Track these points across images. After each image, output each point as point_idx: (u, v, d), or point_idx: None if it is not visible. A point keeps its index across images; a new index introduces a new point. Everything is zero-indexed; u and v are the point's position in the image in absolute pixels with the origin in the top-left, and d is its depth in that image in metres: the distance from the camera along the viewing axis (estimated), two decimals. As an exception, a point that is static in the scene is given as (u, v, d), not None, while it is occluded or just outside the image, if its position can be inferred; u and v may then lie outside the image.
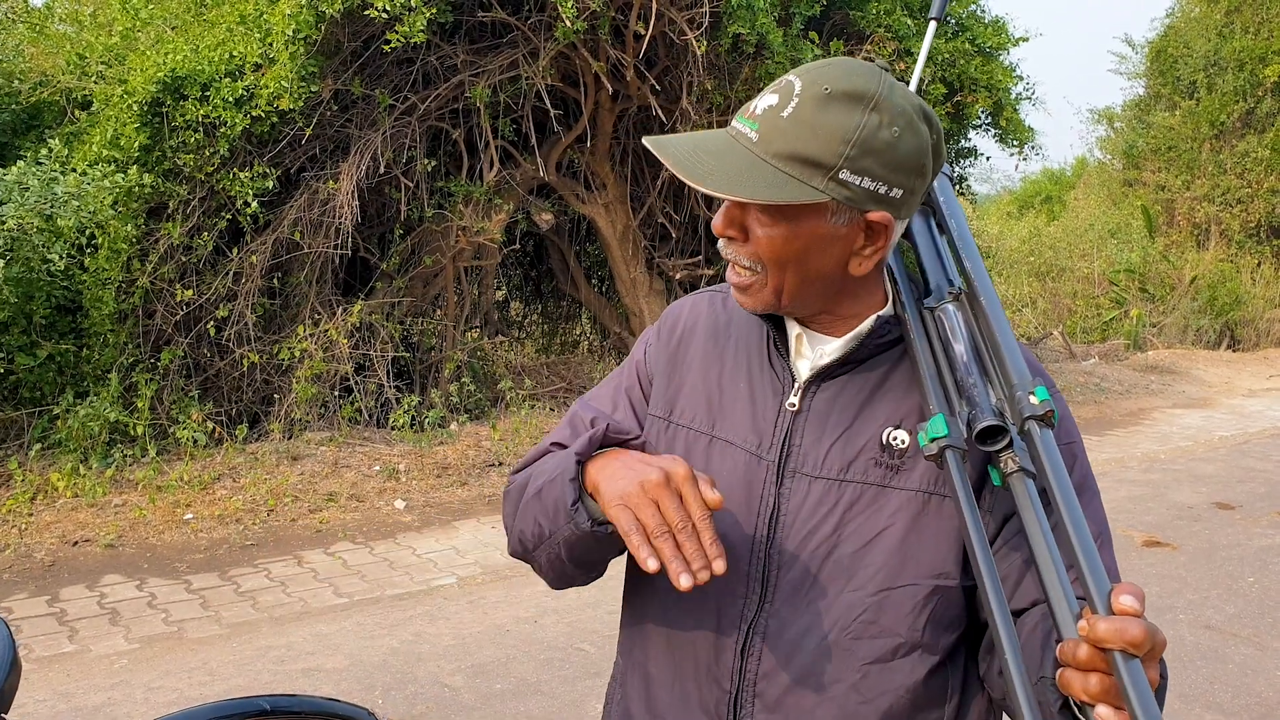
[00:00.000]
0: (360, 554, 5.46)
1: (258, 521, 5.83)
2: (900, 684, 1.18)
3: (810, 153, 1.09)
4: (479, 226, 7.43)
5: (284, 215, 7.00)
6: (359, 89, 6.87)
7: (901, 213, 1.16)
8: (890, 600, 1.17)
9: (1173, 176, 18.16)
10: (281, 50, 6.36)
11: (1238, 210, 17.38)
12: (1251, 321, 15.25)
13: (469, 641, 4.40)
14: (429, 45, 6.99)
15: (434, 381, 7.94)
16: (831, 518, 1.19)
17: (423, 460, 6.71)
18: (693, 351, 1.35)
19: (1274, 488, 7.25)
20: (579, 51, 7.20)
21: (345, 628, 4.53)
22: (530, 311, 10.95)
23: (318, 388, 7.05)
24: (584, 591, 4.98)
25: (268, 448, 6.68)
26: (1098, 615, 0.91)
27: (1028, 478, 1.03)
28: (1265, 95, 17.30)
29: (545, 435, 1.44)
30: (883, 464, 1.19)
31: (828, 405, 1.23)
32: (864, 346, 1.22)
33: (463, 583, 5.09)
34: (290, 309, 7.39)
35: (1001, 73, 8.40)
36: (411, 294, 7.78)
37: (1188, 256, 16.43)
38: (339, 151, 7.18)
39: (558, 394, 8.74)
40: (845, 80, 1.11)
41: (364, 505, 6.15)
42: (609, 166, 8.45)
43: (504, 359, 9.10)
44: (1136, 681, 0.87)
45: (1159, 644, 0.91)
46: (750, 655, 1.22)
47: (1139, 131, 19.28)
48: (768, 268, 1.17)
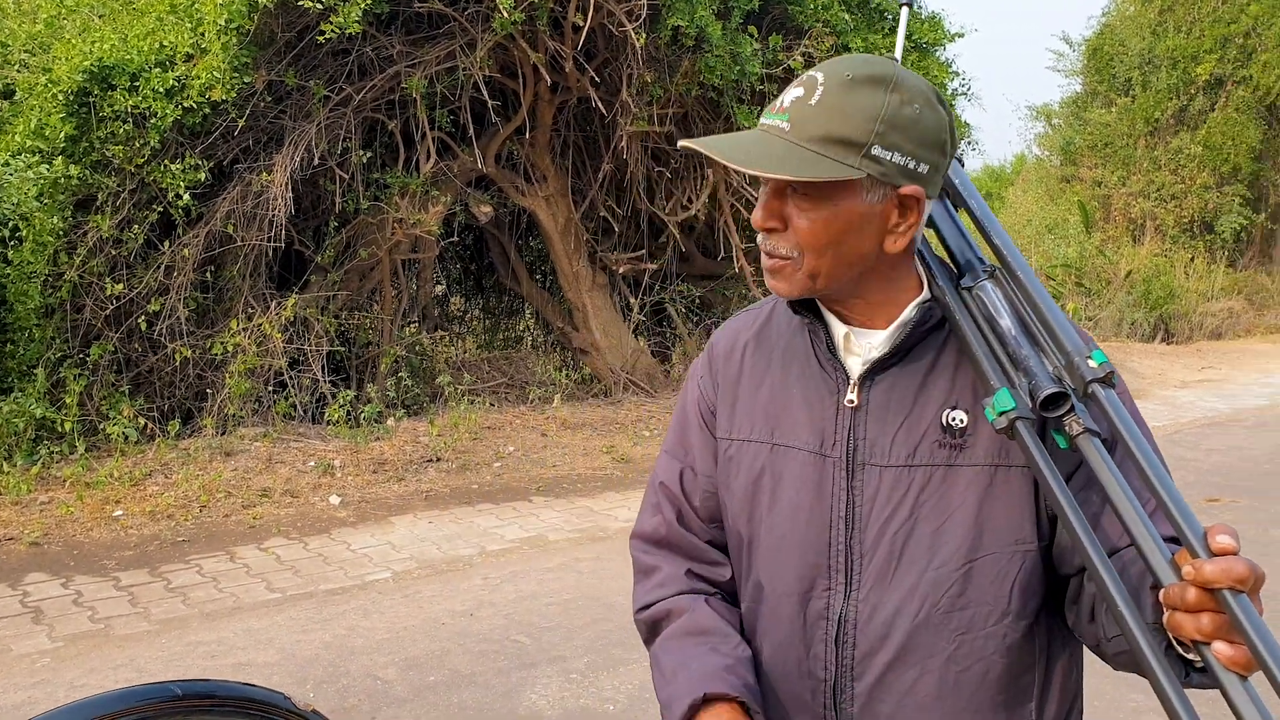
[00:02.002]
0: (294, 549, 5.39)
1: (190, 518, 5.73)
2: (994, 650, 1.23)
3: (843, 133, 1.15)
4: (415, 219, 7.37)
5: (217, 208, 6.89)
6: (293, 80, 6.78)
7: (930, 188, 1.21)
8: (975, 571, 1.22)
9: (1109, 173, 18.49)
10: (214, 40, 6.25)
11: (1172, 206, 17.73)
12: (1185, 315, 15.56)
13: (403, 635, 4.36)
14: (365, 36, 6.91)
15: (371, 376, 7.86)
16: (906, 502, 1.24)
17: (358, 456, 6.64)
18: (743, 369, 1.40)
19: (1203, 476, 7.40)
20: (517, 43, 7.17)
21: (278, 622, 4.47)
22: (471, 306, 10.88)
23: (251, 383, 6.95)
24: (520, 584, 4.97)
25: (201, 443, 6.58)
26: (1200, 559, 0.94)
27: (1094, 437, 1.08)
28: (1197, 93, 17.67)
29: (652, 480, 1.52)
30: (946, 444, 1.24)
31: (885, 396, 1.27)
32: (911, 335, 1.26)
33: (398, 577, 5.04)
34: (223, 303, 7.28)
35: (938, 68, 8.48)
36: (347, 287, 7.69)
37: (1123, 251, 16.73)
38: (273, 143, 7.08)
39: (499, 389, 8.70)
40: (864, 67, 1.18)
41: (298, 501, 6.08)
42: (549, 159, 8.42)
43: (444, 354, 9.03)
44: (1249, 614, 0.91)
45: (1260, 578, 0.95)
46: (844, 644, 1.26)
47: (1076, 128, 19.59)
48: (807, 253, 1.21)
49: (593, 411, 8.33)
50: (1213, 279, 16.55)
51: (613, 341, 9.02)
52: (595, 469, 7.03)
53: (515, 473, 6.84)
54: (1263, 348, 14.78)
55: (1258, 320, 16.46)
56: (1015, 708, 1.25)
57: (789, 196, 1.21)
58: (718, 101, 8.00)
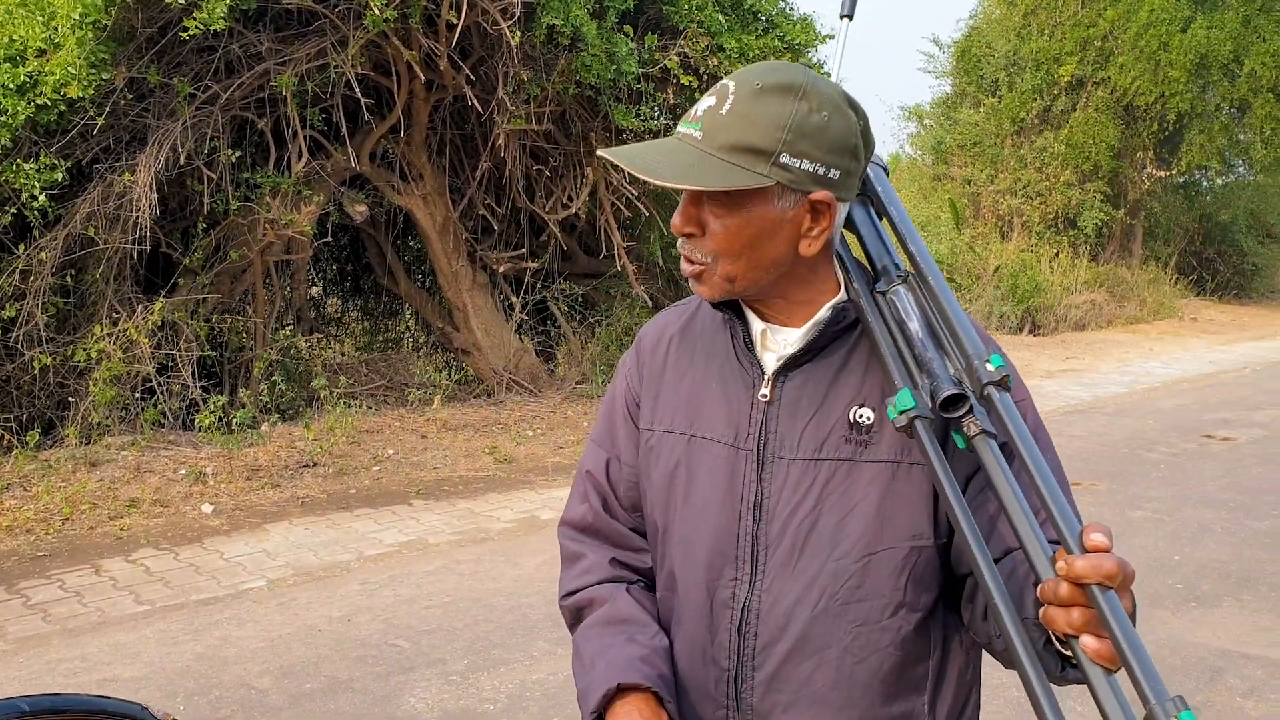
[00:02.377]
0: (164, 560, 5.24)
1: (51, 531, 5.52)
2: (889, 642, 1.27)
3: (751, 141, 1.19)
4: (287, 219, 7.20)
5: (76, 209, 6.63)
6: (155, 77, 6.56)
7: (841, 193, 1.25)
8: (873, 564, 1.26)
9: (978, 171, 19.09)
10: (68, 35, 6.02)
11: (1037, 202, 18.39)
12: (1050, 307, 16.16)
13: (278, 643, 4.28)
14: (232, 32, 6.73)
15: (244, 381, 7.66)
16: (811, 495, 1.28)
17: (232, 463, 6.48)
18: (667, 362, 1.44)
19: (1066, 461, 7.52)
20: (390, 40, 7.07)
21: (146, 635, 4.34)
22: (349, 308, 10.69)
23: (117, 390, 6.70)
24: (400, 588, 4.91)
25: (63, 454, 6.33)
26: (1074, 555, 0.98)
27: (990, 439, 1.12)
28: (1060, 93, 18.37)
29: (576, 469, 1.58)
30: (852, 440, 1.28)
31: (797, 392, 1.31)
32: (824, 334, 1.30)
33: (273, 585, 4.94)
34: (86, 308, 7.01)
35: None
36: (218, 290, 7.48)
37: (992, 247, 17.29)
38: (136, 142, 6.84)
39: (377, 392, 8.58)
40: (773, 75, 1.22)
41: (169, 510, 5.90)
42: (426, 157, 8.33)
43: (321, 357, 8.86)
44: (1115, 610, 0.95)
45: (1129, 575, 0.99)
46: (746, 633, 1.30)
47: (946, 128, 20.18)
48: (722, 258, 1.25)
49: (474, 412, 8.28)
50: (1076, 273, 17.24)
51: (494, 341, 8.97)
52: (477, 470, 6.99)
53: (394, 476, 6.75)
54: (1123, 338, 15.47)
55: (1118, 312, 17.20)
56: (908, 699, 1.29)
57: (705, 203, 1.25)
58: (595, 100, 8.02)
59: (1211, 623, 4.65)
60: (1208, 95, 17.56)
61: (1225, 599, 4.95)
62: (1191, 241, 21.23)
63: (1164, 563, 5.45)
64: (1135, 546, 5.71)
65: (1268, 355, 14.10)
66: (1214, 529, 6.03)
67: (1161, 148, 19.06)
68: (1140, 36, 16.99)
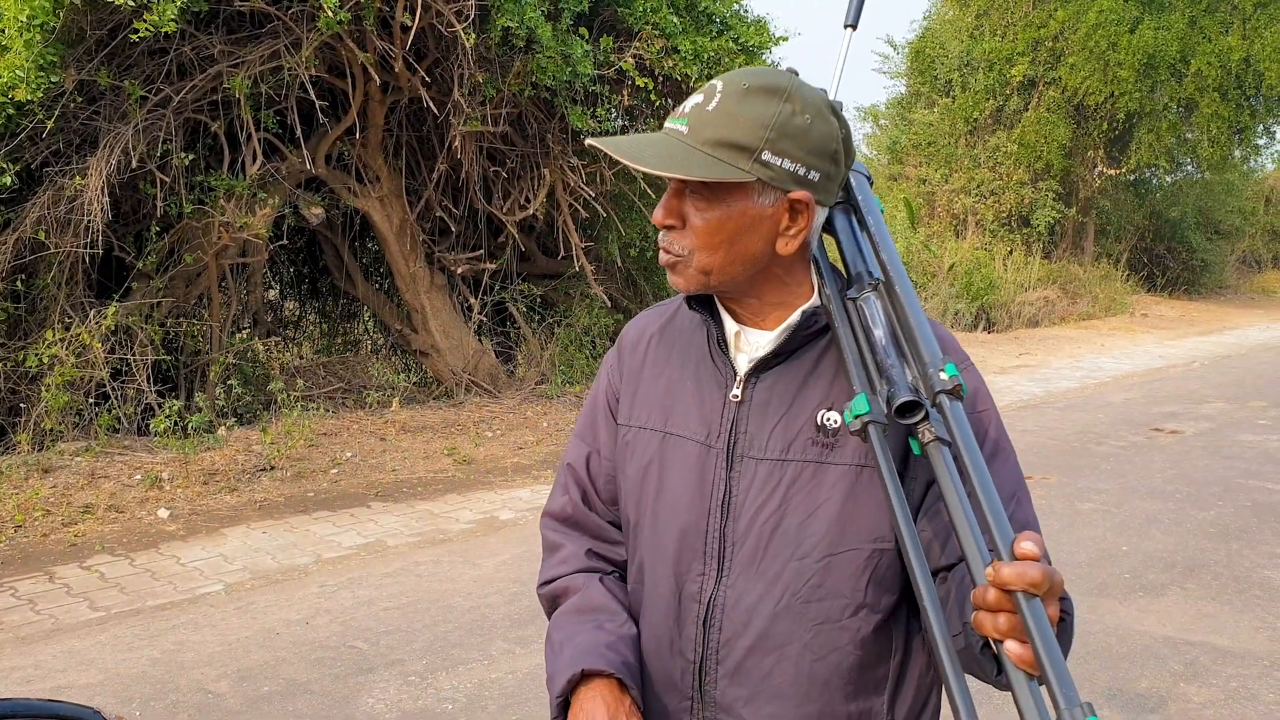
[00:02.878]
0: (120, 566, 5.20)
1: (3, 539, 5.46)
2: (848, 641, 1.30)
3: (735, 138, 1.23)
4: (242, 222, 7.16)
5: (26, 213, 6.56)
6: (106, 80, 6.50)
7: (820, 195, 1.29)
8: (835, 564, 1.29)
9: (933, 170, 19.32)
10: (15, 37, 5.95)
11: (991, 201, 18.65)
12: (1004, 304, 16.39)
13: (235, 647, 4.27)
14: (183, 35, 6.69)
15: (200, 385, 7.61)
16: (777, 494, 1.31)
17: (188, 467, 6.44)
18: (646, 360, 1.48)
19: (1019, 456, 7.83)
20: (344, 42, 7.05)
21: (101, 641, 4.31)
22: (307, 310, 10.63)
23: (70, 395, 6.64)
24: (358, 590, 4.92)
25: (15, 460, 6.26)
26: (1002, 561, 1.01)
27: (943, 445, 1.14)
28: (1012, 93, 18.63)
29: (558, 462, 1.63)
30: (819, 443, 1.31)
31: (767, 394, 1.35)
32: (794, 338, 1.33)
33: (230, 589, 4.92)
34: (37, 313, 6.94)
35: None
36: (173, 294, 7.43)
37: (947, 245, 17.49)
38: (87, 145, 6.78)
39: (335, 394, 8.55)
40: (760, 78, 1.26)
41: (124, 516, 5.85)
42: (382, 159, 8.31)
43: (279, 360, 8.81)
44: (1037, 618, 0.98)
45: (1056, 584, 1.02)
46: (711, 627, 1.34)
47: (901, 128, 20.42)
48: (699, 251, 1.29)
49: (433, 414, 8.27)
50: (1029, 270, 17.49)
51: (453, 343, 8.96)
52: (436, 472, 6.99)
53: (353, 479, 6.74)
54: (1074, 334, 15.71)
55: (1071, 308, 17.47)
56: (867, 699, 1.33)
57: (687, 197, 1.30)
58: (552, 102, 8.04)
59: (1157, 611, 4.77)
60: (1156, 95, 17.88)
61: (1171, 588, 5.07)
62: (1142, 238, 21.61)
63: (1112, 553, 5.57)
64: (1084, 538, 5.82)
65: (1215, 350, 14.39)
66: (1161, 520, 6.17)
67: (1111, 146, 19.39)
68: (1089, 37, 17.27)
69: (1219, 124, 17.85)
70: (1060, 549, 5.62)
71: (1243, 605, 4.84)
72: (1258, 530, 5.98)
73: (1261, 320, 18.57)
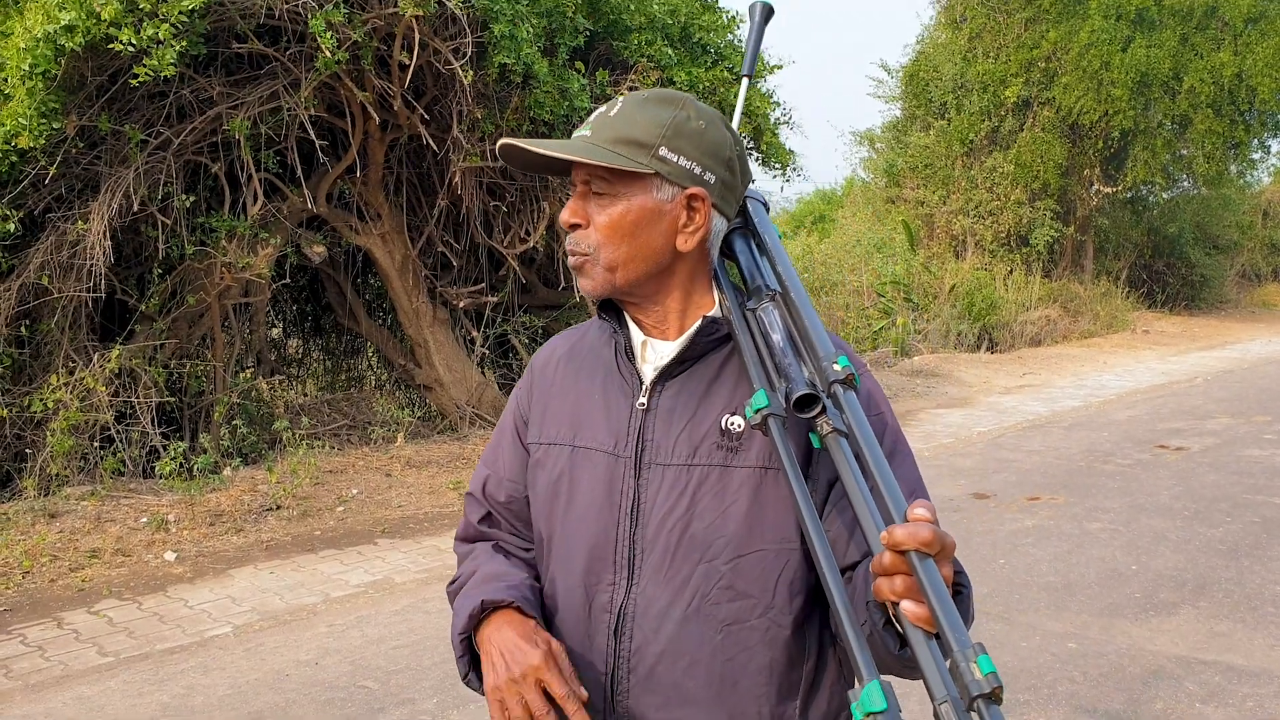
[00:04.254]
0: (127, 610, 5.19)
1: (11, 585, 5.45)
2: (758, 641, 1.32)
3: (634, 135, 1.33)
4: (244, 262, 7.20)
5: (29, 259, 6.59)
6: (106, 125, 6.55)
7: (716, 198, 1.37)
8: (742, 566, 1.32)
9: (930, 192, 19.37)
10: (18, 86, 6.00)
11: (989, 222, 18.69)
12: (1006, 324, 16.39)
13: (245, 689, 4.25)
14: (182, 78, 6.74)
15: (204, 426, 7.62)
16: (684, 499, 1.34)
17: (194, 509, 6.43)
18: (555, 378, 1.52)
19: (1024, 476, 7.82)
20: (343, 82, 7.11)
21: (111, 687, 4.30)
22: (311, 348, 10.65)
23: (75, 440, 6.65)
24: (367, 629, 4.90)
25: (21, 506, 6.26)
26: (895, 524, 1.05)
27: (842, 437, 1.19)
28: (1007, 114, 18.71)
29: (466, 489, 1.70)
30: (723, 447, 1.35)
31: (672, 401, 1.38)
32: (695, 344, 1.38)
33: (239, 631, 4.91)
34: (42, 358, 6.96)
35: (759, 99, 8.79)
36: (176, 336, 7.45)
37: (947, 266, 17.52)
38: (88, 190, 6.82)
39: (340, 431, 8.55)
40: (658, 92, 1.38)
41: (131, 560, 5.84)
42: (383, 196, 8.35)
43: (284, 398, 8.82)
44: (930, 576, 1.01)
45: (948, 545, 1.05)
46: (622, 636, 1.35)
47: (898, 151, 20.47)
48: (604, 246, 1.35)
49: (438, 448, 8.27)
50: (1030, 289, 17.50)
51: (457, 376, 8.98)
52: (442, 506, 6.98)
53: (359, 516, 6.73)
54: (1077, 352, 15.70)
55: (1073, 327, 17.47)
56: (780, 703, 1.33)
57: (591, 198, 1.36)
58: (549, 135, 8.09)
59: (1170, 630, 4.74)
60: (1150, 112, 17.95)
61: (1182, 606, 5.05)
62: (1141, 255, 21.63)
63: (1121, 572, 5.55)
64: (1093, 557, 5.80)
65: (1217, 365, 14.38)
66: (1169, 537, 6.15)
67: (1107, 164, 19.44)
68: (1082, 57, 17.36)
69: (1214, 140, 17.90)
70: (1070, 569, 5.61)
71: (1255, 623, 4.82)
72: (1268, 546, 5.96)
73: (1263, 334, 18.55)
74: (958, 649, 0.95)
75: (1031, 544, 6.08)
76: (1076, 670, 4.32)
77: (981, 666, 0.94)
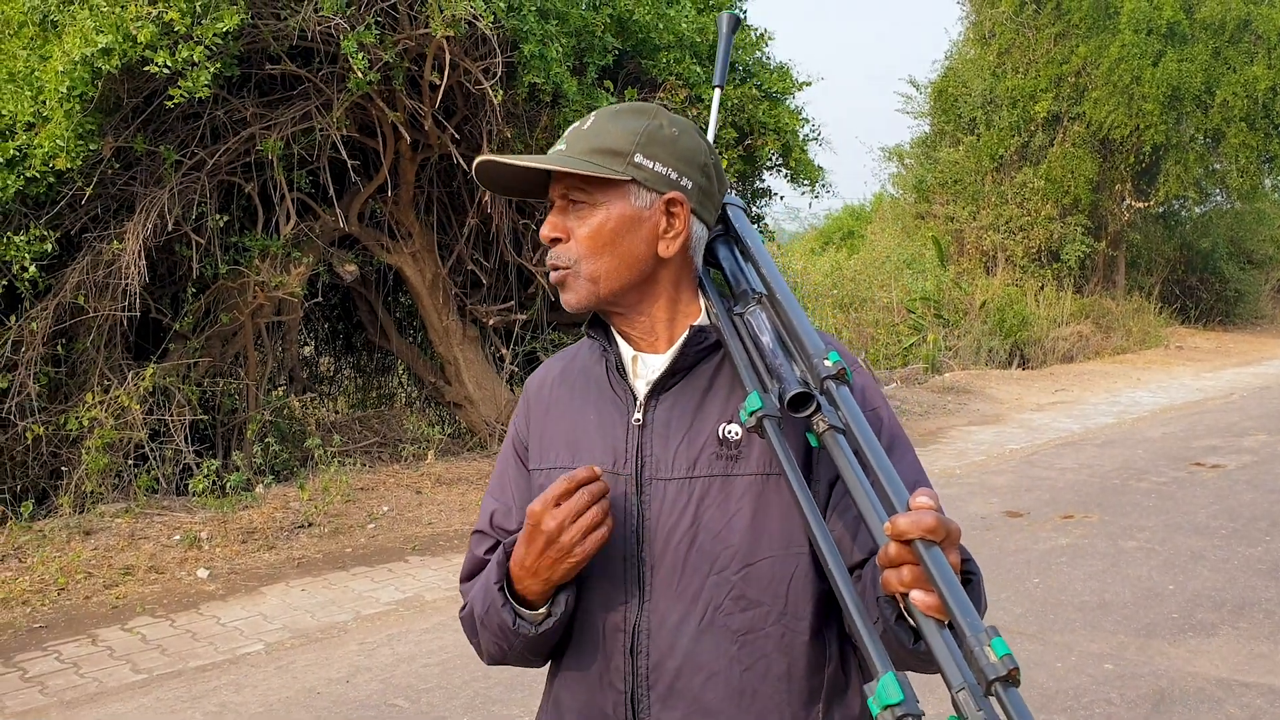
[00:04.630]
0: (160, 627, 5.22)
1: (47, 602, 5.50)
2: (774, 648, 1.30)
3: (608, 145, 1.34)
4: (277, 281, 7.26)
5: (66, 279, 6.68)
6: (142, 146, 6.64)
7: (695, 203, 1.37)
8: (752, 574, 1.31)
9: (960, 208, 19.28)
10: (56, 108, 6.09)
11: (1020, 237, 18.56)
12: (1038, 340, 16.25)
13: (277, 707, 4.27)
14: (216, 99, 6.82)
15: (237, 444, 7.67)
16: (688, 512, 1.33)
17: (226, 526, 6.47)
18: (550, 402, 1.51)
19: (1058, 494, 7.75)
20: (374, 102, 7.17)
21: (144, 705, 4.32)
22: (342, 366, 10.72)
23: (110, 457, 6.71)
24: (398, 647, 4.91)
25: (57, 524, 6.32)
26: (898, 514, 1.03)
27: (839, 433, 1.17)
28: (1037, 130, 18.60)
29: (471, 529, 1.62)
30: (723, 456, 1.33)
31: (667, 414, 1.37)
32: (685, 354, 1.37)
33: (271, 649, 4.93)
34: (77, 376, 7.03)
35: (788, 116, 8.79)
36: (209, 354, 7.52)
37: (977, 282, 17.42)
38: (124, 210, 6.91)
39: (371, 449, 8.59)
40: (630, 105, 1.41)
41: (164, 577, 5.88)
42: (414, 215, 8.41)
43: (315, 416, 8.87)
44: (937, 563, 0.99)
45: (953, 531, 1.03)
46: (639, 654, 1.33)
47: (927, 167, 20.39)
48: (585, 259, 1.35)
49: (468, 465, 8.29)
50: (1062, 305, 17.36)
51: (486, 394, 9.00)
52: (472, 524, 6.96)
53: (390, 533, 6.75)
54: (1110, 368, 15.55)
55: (1105, 343, 17.30)
56: (803, 708, 1.32)
57: (570, 211, 1.37)
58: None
59: (1209, 651, 4.67)
60: (1182, 126, 17.80)
61: (1222, 627, 4.97)
62: (1174, 270, 21.42)
63: (1158, 592, 5.47)
64: (1129, 576, 5.73)
65: (1254, 381, 14.20)
66: (1207, 557, 6.06)
67: (1139, 179, 19.29)
68: (1113, 71, 17.25)
69: (1247, 154, 17.73)
70: (1105, 588, 5.54)
71: (1297, 644, 4.74)
72: (1308, 566, 5.87)
73: (1300, 350, 18.32)
74: (970, 634, 0.94)
75: (1066, 563, 6.01)
76: (1114, 691, 4.26)
77: (996, 649, 0.92)
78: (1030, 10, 18.56)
